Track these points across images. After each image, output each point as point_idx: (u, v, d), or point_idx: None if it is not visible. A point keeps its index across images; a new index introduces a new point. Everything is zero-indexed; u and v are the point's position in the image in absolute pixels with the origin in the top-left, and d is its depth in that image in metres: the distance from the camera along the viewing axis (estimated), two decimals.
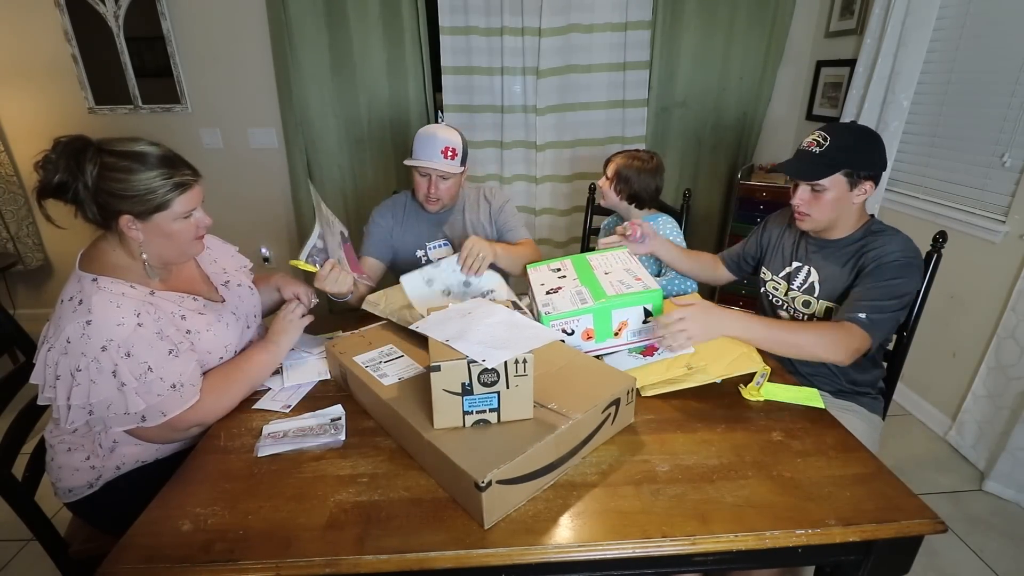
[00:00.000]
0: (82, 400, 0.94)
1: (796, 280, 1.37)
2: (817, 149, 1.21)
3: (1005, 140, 1.89)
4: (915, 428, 2.21)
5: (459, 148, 1.57)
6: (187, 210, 1.03)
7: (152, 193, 0.97)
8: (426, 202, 1.61)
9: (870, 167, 1.20)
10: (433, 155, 1.52)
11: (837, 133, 1.21)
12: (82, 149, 0.94)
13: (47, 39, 2.62)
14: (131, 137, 1.00)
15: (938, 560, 1.59)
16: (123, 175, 0.95)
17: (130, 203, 0.96)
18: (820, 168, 1.20)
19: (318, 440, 0.99)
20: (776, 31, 2.77)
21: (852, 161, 1.19)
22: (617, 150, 1.83)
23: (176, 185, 1.00)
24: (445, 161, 1.53)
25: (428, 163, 1.52)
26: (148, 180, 0.97)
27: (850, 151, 1.19)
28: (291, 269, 1.29)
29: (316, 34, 2.62)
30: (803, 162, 1.23)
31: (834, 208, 1.23)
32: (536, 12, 2.61)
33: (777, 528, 0.80)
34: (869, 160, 1.20)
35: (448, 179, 1.58)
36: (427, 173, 1.56)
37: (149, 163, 0.97)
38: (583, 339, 1.23)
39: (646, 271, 1.34)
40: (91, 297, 0.95)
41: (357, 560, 0.76)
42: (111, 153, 0.96)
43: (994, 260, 1.91)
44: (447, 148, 1.53)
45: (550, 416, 0.91)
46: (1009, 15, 1.89)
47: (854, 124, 1.25)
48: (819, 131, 1.24)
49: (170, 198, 1.00)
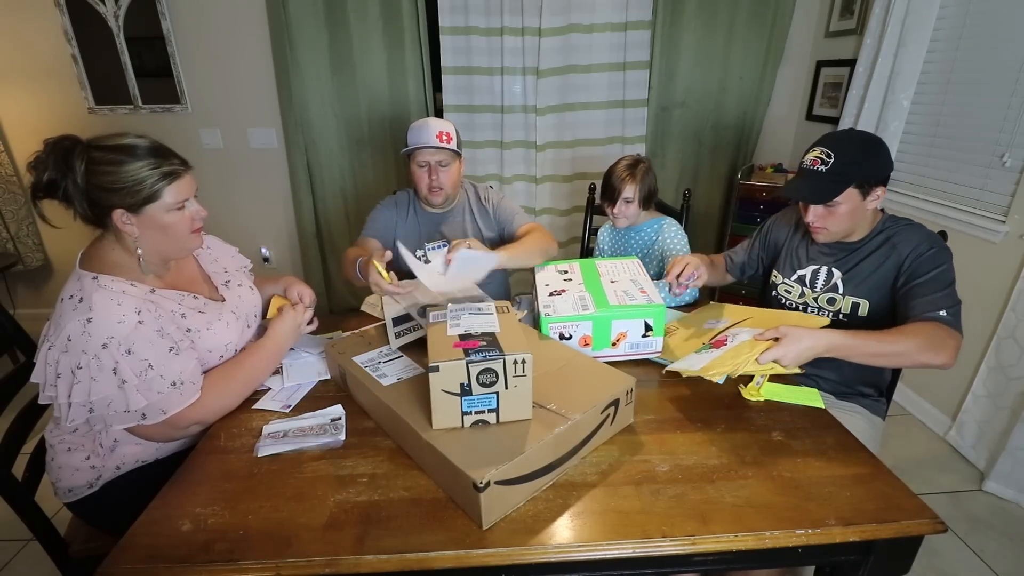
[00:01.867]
0: (83, 398, 0.94)
1: (818, 281, 1.33)
2: (823, 168, 1.17)
3: (1005, 140, 1.88)
4: (915, 428, 2.21)
5: (453, 133, 1.57)
6: (178, 200, 1.03)
7: (141, 184, 0.97)
8: (429, 193, 1.60)
9: (879, 174, 1.18)
10: (429, 139, 1.53)
11: (840, 147, 1.18)
12: (70, 147, 0.95)
13: (47, 39, 2.62)
14: (118, 132, 1.00)
15: (938, 560, 1.59)
16: (111, 168, 0.96)
17: (120, 196, 0.97)
18: (830, 188, 1.17)
19: (318, 440, 0.99)
20: (776, 31, 2.77)
21: (861, 174, 1.16)
22: (612, 172, 1.71)
23: (165, 175, 1.00)
24: (441, 143, 1.54)
25: (424, 144, 1.53)
26: (136, 171, 0.97)
27: (858, 165, 1.16)
28: (299, 272, 1.30)
29: (316, 34, 2.62)
30: (810, 182, 1.19)
31: (850, 219, 1.22)
32: (536, 12, 2.61)
33: (777, 528, 0.80)
34: (877, 168, 1.18)
35: (447, 166, 1.58)
36: (425, 163, 1.56)
37: (136, 154, 0.98)
38: (580, 345, 1.22)
39: (652, 285, 1.32)
40: (91, 295, 0.95)
41: (357, 560, 0.76)
42: (99, 148, 0.96)
43: (994, 260, 1.91)
44: (441, 132, 1.54)
45: (549, 417, 0.91)
46: (1009, 15, 1.88)
47: (853, 132, 1.22)
48: (820, 148, 1.20)
49: (159, 187, 0.99)
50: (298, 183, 2.87)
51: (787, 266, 1.42)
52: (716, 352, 1.08)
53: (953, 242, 1.29)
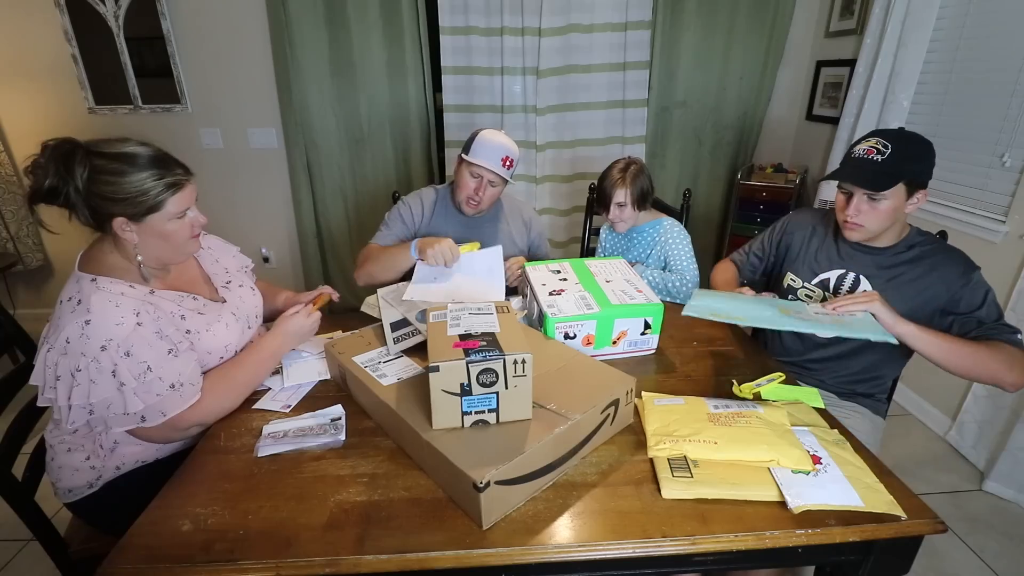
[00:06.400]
0: (82, 400, 0.94)
1: (843, 287, 1.31)
2: (879, 157, 1.14)
3: (1005, 140, 1.89)
4: (915, 428, 2.21)
5: (516, 159, 1.58)
6: (181, 210, 1.03)
7: (144, 195, 0.97)
8: (466, 204, 1.60)
9: (927, 175, 1.17)
10: (494, 160, 1.52)
11: (897, 141, 1.16)
12: (70, 152, 0.93)
13: (47, 39, 2.62)
14: (120, 138, 0.99)
15: (938, 560, 1.59)
16: (114, 177, 0.95)
17: (122, 205, 0.96)
18: (884, 178, 1.14)
19: (318, 440, 0.99)
20: (776, 31, 2.77)
21: (915, 171, 1.15)
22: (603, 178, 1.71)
23: (168, 185, 0.99)
24: (502, 168, 1.54)
25: (487, 164, 1.52)
26: (140, 182, 0.96)
27: (913, 160, 1.15)
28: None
29: (316, 34, 2.62)
30: (865, 171, 1.16)
31: (890, 218, 1.19)
32: (536, 12, 2.61)
33: (777, 528, 0.80)
34: (928, 169, 1.17)
35: (496, 186, 1.59)
36: (479, 176, 1.56)
37: (140, 164, 0.97)
38: (583, 344, 1.24)
39: (646, 283, 1.35)
40: (90, 297, 0.95)
41: (357, 560, 0.76)
42: (101, 155, 0.95)
43: (994, 260, 1.91)
44: (507, 158, 1.54)
45: (549, 417, 0.91)
46: (1009, 15, 1.89)
47: (907, 131, 1.21)
48: (876, 138, 1.17)
49: (163, 199, 0.99)
50: (298, 183, 2.87)
51: (805, 269, 1.38)
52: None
53: (953, 242, 1.29)
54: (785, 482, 0.85)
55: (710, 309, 1.13)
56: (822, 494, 0.83)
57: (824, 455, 0.91)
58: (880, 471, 0.90)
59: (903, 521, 0.80)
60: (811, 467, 0.88)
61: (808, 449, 0.91)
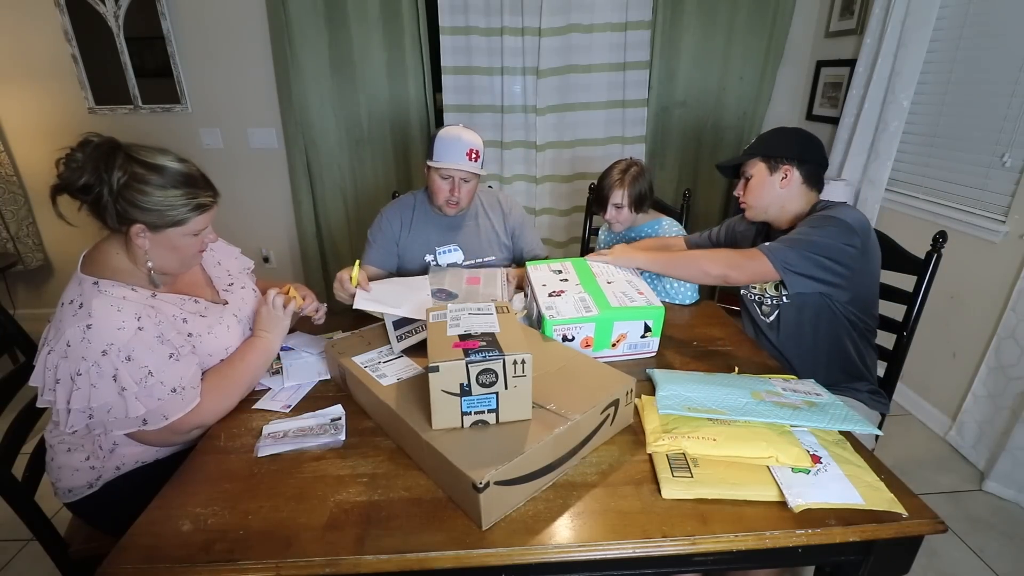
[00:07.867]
0: (82, 404, 0.94)
1: None
2: (746, 147, 1.39)
3: (1005, 140, 1.88)
4: (915, 428, 2.21)
5: (481, 150, 1.56)
6: (199, 229, 1.05)
7: (173, 210, 0.99)
8: (446, 206, 1.59)
9: (785, 152, 1.31)
10: (459, 157, 1.51)
11: (766, 134, 1.38)
12: (111, 153, 0.95)
13: (47, 39, 2.62)
14: (160, 148, 1.00)
15: (938, 560, 1.59)
16: (147, 187, 0.96)
17: (148, 215, 0.97)
18: (742, 157, 1.37)
19: (318, 440, 0.99)
20: (776, 31, 2.77)
21: (767, 148, 1.33)
22: (602, 178, 1.71)
23: (196, 206, 1.01)
24: (470, 163, 1.52)
25: (454, 165, 1.51)
26: (171, 198, 0.98)
27: (765, 140, 1.36)
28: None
29: (316, 34, 2.62)
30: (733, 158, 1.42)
31: (760, 193, 1.34)
32: (536, 12, 2.61)
33: (777, 528, 0.80)
34: (784, 146, 1.33)
35: (470, 181, 1.57)
36: (449, 176, 1.54)
37: (175, 180, 0.99)
38: (581, 347, 1.23)
39: (647, 285, 1.35)
40: (91, 300, 0.95)
41: (357, 560, 0.76)
42: (140, 163, 0.96)
43: (994, 260, 1.91)
44: (471, 150, 1.52)
45: (549, 417, 0.91)
46: (1009, 15, 1.89)
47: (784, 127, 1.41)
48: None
49: (188, 217, 1.01)
50: (298, 183, 2.86)
51: None
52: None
53: (953, 242, 1.29)
54: (785, 481, 0.85)
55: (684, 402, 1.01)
56: (822, 493, 0.83)
57: (824, 454, 0.91)
58: (880, 470, 0.90)
59: (903, 521, 0.80)
60: (810, 465, 0.88)
61: (808, 449, 0.91)
